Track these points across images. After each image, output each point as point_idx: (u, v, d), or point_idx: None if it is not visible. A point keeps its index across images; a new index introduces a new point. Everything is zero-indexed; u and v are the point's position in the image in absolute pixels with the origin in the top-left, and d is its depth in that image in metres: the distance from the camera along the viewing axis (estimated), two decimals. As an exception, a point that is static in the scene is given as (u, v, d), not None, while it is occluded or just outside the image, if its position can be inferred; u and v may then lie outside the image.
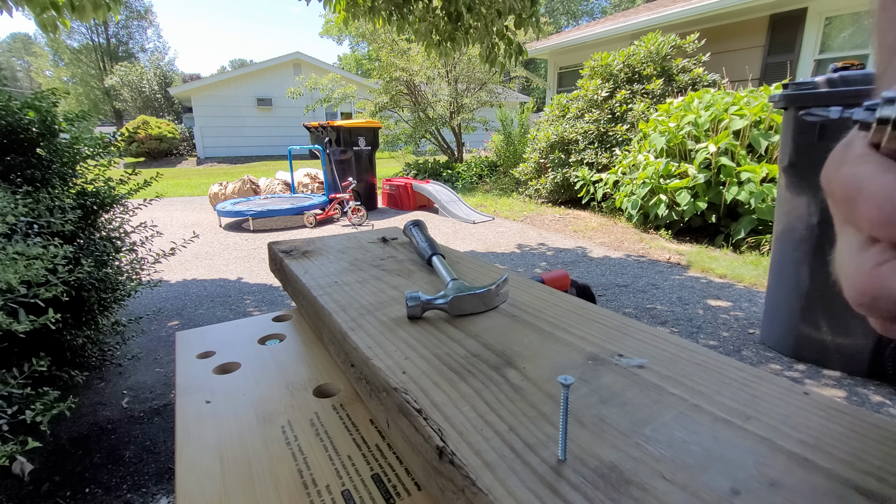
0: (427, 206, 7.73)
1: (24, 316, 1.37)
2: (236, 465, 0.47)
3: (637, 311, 3.45)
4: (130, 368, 2.72)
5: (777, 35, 6.95)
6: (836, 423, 0.35)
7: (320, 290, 0.68)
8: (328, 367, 0.66)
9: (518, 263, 4.70)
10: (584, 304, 0.62)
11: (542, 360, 0.46)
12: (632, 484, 0.30)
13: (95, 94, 31.09)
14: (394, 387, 0.43)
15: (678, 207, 5.01)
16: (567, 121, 7.21)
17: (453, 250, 0.88)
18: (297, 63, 17.98)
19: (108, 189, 2.39)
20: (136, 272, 2.53)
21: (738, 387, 0.41)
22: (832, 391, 2.36)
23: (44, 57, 38.72)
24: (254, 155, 18.10)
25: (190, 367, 0.69)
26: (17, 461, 1.85)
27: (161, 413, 2.31)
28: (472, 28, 3.85)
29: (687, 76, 6.42)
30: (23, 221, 1.69)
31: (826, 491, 0.29)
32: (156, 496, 1.79)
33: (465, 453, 0.33)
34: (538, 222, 6.52)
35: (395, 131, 10.95)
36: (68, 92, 2.80)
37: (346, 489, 0.43)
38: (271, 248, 0.93)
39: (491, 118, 10.76)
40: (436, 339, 0.52)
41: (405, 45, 10.17)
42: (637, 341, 0.50)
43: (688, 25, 7.61)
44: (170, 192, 10.21)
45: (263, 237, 6.08)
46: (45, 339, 1.95)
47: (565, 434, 0.32)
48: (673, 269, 4.40)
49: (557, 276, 3.32)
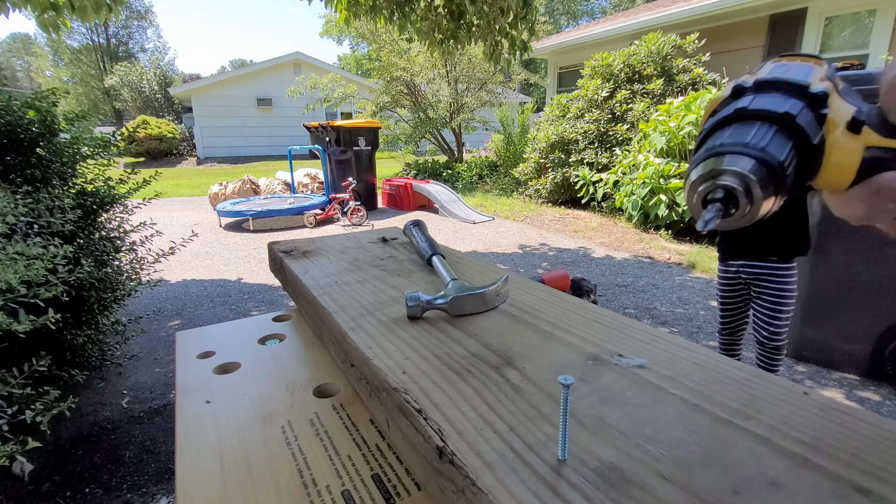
0: (427, 206, 7.73)
1: (24, 316, 1.37)
2: (236, 465, 0.47)
3: (637, 311, 3.45)
4: (130, 368, 2.72)
5: (777, 35, 6.95)
6: (836, 423, 0.35)
7: (320, 290, 0.68)
8: (328, 367, 0.66)
9: (518, 263, 4.70)
10: (584, 304, 0.62)
11: (542, 360, 0.46)
12: (632, 484, 0.30)
13: (95, 94, 31.08)
14: (394, 387, 0.43)
15: (678, 207, 5.01)
16: (567, 121, 7.21)
17: (453, 250, 0.88)
18: (297, 63, 17.97)
19: (107, 189, 2.39)
20: (136, 272, 2.53)
21: (738, 387, 0.41)
22: (832, 391, 2.36)
23: (44, 57, 38.71)
24: (254, 155, 18.09)
25: (190, 367, 0.69)
26: (17, 461, 1.85)
27: (161, 413, 2.31)
28: (474, 26, 3.84)
29: (687, 76, 6.42)
30: (23, 221, 1.69)
31: (826, 491, 0.29)
32: (156, 496, 1.79)
33: (465, 453, 0.33)
34: (538, 222, 6.51)
35: (395, 131, 10.95)
36: (68, 92, 2.80)
37: (346, 489, 0.43)
38: (271, 248, 0.93)
39: (491, 118, 10.75)
40: (436, 339, 0.52)
41: (405, 45, 10.17)
42: (637, 341, 0.50)
43: (688, 25, 7.61)
44: (170, 192, 10.21)
45: (263, 237, 6.08)
46: (46, 339, 1.95)
47: (565, 434, 0.32)
48: (673, 269, 4.40)
49: (557, 276, 3.32)
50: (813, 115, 0.26)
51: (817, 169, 0.27)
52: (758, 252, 1.90)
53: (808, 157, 0.26)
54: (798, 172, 0.26)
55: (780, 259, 1.87)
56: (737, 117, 0.27)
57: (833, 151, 0.26)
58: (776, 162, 0.25)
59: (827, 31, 6.57)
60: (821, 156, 0.26)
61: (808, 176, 0.27)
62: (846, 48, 6.41)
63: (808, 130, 0.26)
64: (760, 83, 0.28)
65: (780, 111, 0.26)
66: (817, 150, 0.26)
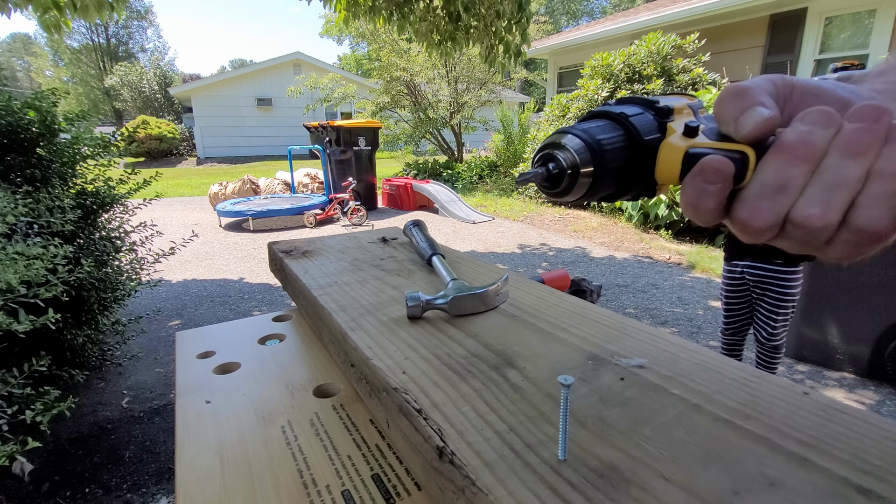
0: (427, 206, 7.73)
1: (24, 316, 1.37)
2: (236, 465, 0.47)
3: (637, 311, 3.45)
4: (130, 368, 2.72)
5: (777, 35, 6.95)
6: (836, 423, 0.35)
7: (320, 290, 0.68)
8: (328, 367, 0.66)
9: (518, 263, 4.70)
10: (584, 304, 0.62)
11: (542, 360, 0.46)
12: (632, 484, 0.30)
13: (95, 94, 31.08)
14: (394, 387, 0.43)
15: (678, 207, 5.01)
16: (567, 121, 7.21)
17: (453, 250, 0.88)
18: (297, 63, 17.97)
19: (107, 189, 2.39)
20: (136, 272, 2.53)
21: (738, 387, 0.41)
22: (832, 391, 2.36)
23: (44, 57, 38.71)
24: (254, 155, 18.09)
25: (190, 367, 0.69)
26: (17, 461, 1.85)
27: (161, 413, 2.31)
28: (472, 28, 3.85)
29: (687, 76, 6.42)
30: (23, 221, 1.69)
31: (826, 491, 0.29)
32: (156, 496, 1.79)
33: (465, 453, 0.33)
34: (538, 222, 6.52)
35: (395, 131, 10.94)
36: (68, 92, 2.80)
37: (346, 489, 0.43)
38: (271, 248, 0.93)
39: (491, 118, 10.75)
40: (436, 339, 0.52)
41: (405, 45, 10.17)
42: (637, 341, 0.50)
43: (688, 25, 7.61)
44: (170, 192, 10.21)
45: (263, 237, 6.08)
46: (46, 339, 1.95)
47: (565, 434, 0.32)
48: (673, 269, 4.40)
49: (557, 276, 3.32)
50: (655, 121, 0.32)
51: (654, 164, 0.32)
52: (764, 253, 1.90)
53: (643, 153, 0.32)
54: (633, 164, 0.32)
55: (785, 262, 1.87)
56: (588, 116, 0.34)
57: (663, 149, 0.32)
58: (597, 144, 0.31)
59: (827, 32, 6.57)
60: (655, 152, 0.32)
61: (649, 170, 0.33)
62: (846, 48, 6.41)
63: (640, 129, 0.32)
64: (620, 99, 0.35)
65: (617, 111, 0.33)
66: (649, 146, 0.32)
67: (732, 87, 0.29)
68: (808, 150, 0.26)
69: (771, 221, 0.27)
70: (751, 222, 0.28)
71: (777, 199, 0.27)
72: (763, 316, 1.97)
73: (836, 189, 0.25)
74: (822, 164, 0.26)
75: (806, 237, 0.27)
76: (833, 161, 0.26)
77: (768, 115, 0.27)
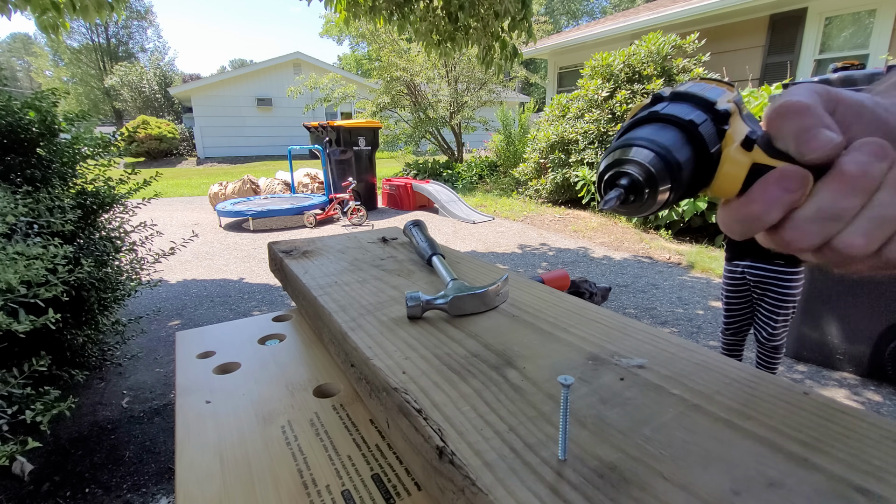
0: (427, 206, 7.73)
1: (24, 316, 1.37)
2: (236, 465, 0.47)
3: (637, 311, 3.45)
4: (130, 368, 2.73)
5: (777, 35, 6.95)
6: (836, 423, 0.35)
7: (320, 290, 0.68)
8: (328, 367, 0.66)
9: (518, 263, 4.70)
10: (584, 304, 0.62)
11: (542, 360, 0.46)
12: (632, 484, 0.30)
13: (95, 94, 31.08)
14: (394, 387, 0.43)
15: (678, 207, 5.01)
16: (567, 121, 7.21)
17: (453, 250, 0.88)
18: (297, 63, 17.97)
19: (107, 189, 2.39)
20: (136, 272, 2.53)
21: (738, 387, 0.41)
22: (832, 391, 2.36)
23: (44, 57, 38.71)
24: (254, 155, 18.09)
25: (190, 367, 0.69)
26: (17, 461, 1.85)
27: (161, 413, 2.31)
28: (471, 28, 3.85)
29: (687, 76, 6.42)
30: (23, 221, 1.69)
31: (826, 491, 0.29)
32: (156, 496, 1.79)
33: (465, 453, 0.33)
34: (538, 222, 6.52)
35: (395, 131, 10.94)
36: (68, 92, 2.80)
37: (346, 489, 0.43)
38: (271, 248, 0.93)
39: (491, 118, 10.75)
40: (436, 339, 0.52)
41: (405, 45, 10.16)
42: (637, 341, 0.50)
43: (688, 25, 7.61)
44: (170, 192, 10.21)
45: (263, 237, 6.08)
46: (46, 339, 1.95)
47: (565, 434, 0.32)
48: (673, 269, 4.40)
49: (557, 276, 3.32)
50: (715, 128, 0.30)
51: (712, 176, 0.31)
52: (765, 254, 1.90)
53: (705, 164, 0.30)
54: (695, 176, 0.30)
55: (786, 263, 1.87)
56: (649, 119, 0.31)
57: (726, 162, 0.30)
58: (673, 158, 0.29)
59: (827, 31, 6.57)
60: (716, 165, 0.30)
61: (704, 182, 0.31)
62: (846, 48, 6.41)
63: (707, 139, 0.30)
64: (675, 94, 0.32)
65: (686, 118, 0.30)
66: (713, 158, 0.30)
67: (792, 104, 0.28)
68: (868, 183, 0.26)
69: (815, 245, 0.27)
70: (796, 243, 0.28)
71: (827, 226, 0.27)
72: (763, 316, 1.97)
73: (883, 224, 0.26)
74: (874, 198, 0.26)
75: (838, 260, 0.27)
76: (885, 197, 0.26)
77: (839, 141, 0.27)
